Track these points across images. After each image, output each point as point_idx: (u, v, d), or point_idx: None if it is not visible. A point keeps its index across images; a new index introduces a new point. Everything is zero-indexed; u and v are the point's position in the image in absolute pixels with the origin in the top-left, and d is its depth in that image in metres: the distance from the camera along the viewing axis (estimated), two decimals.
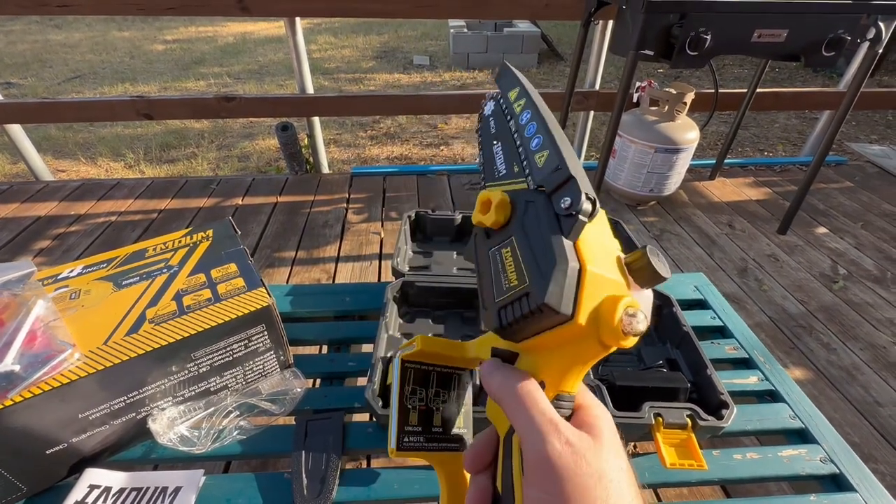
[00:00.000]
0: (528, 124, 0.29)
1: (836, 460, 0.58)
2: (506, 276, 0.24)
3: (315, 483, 0.53)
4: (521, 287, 0.23)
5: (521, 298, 0.23)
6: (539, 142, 0.27)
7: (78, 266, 0.64)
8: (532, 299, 0.22)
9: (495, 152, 0.31)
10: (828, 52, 1.41)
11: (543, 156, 0.26)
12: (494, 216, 0.26)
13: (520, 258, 0.24)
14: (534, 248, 0.24)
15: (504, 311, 0.24)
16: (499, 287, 0.25)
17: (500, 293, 0.24)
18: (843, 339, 1.43)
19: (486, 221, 0.26)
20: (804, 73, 4.66)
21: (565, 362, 0.25)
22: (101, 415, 0.52)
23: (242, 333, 0.58)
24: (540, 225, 0.24)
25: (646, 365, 0.67)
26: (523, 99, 0.31)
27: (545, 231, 0.23)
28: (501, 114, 0.33)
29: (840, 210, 2.09)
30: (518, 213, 0.26)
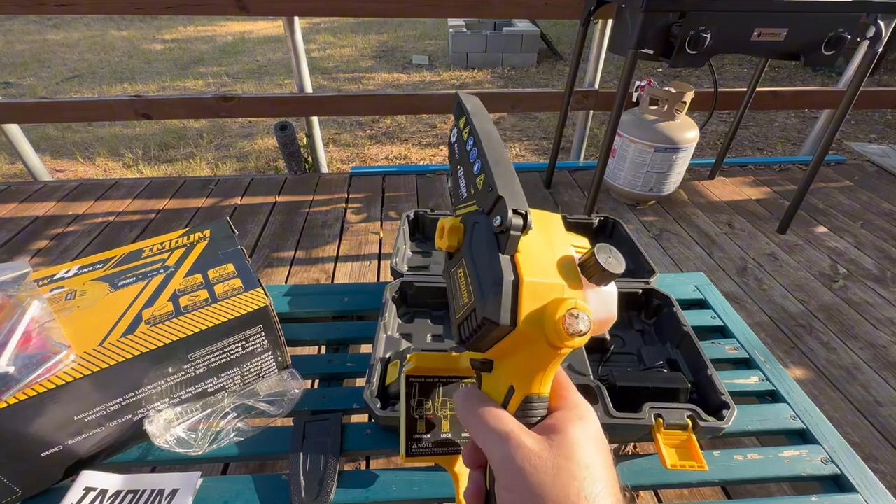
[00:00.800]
0: (472, 150, 0.31)
1: (838, 461, 0.57)
2: (459, 294, 0.27)
3: (313, 485, 0.52)
4: (469, 304, 0.25)
5: (469, 315, 0.25)
6: (479, 165, 0.29)
7: (74, 266, 0.63)
8: (477, 314, 0.24)
9: (459, 176, 0.33)
10: (827, 51, 1.41)
11: (481, 178, 0.28)
12: (447, 240, 0.28)
13: (468, 277, 0.26)
14: (478, 267, 0.26)
15: (462, 327, 0.26)
16: (456, 305, 0.27)
17: (458, 310, 0.27)
18: (843, 338, 1.43)
19: (442, 246, 0.29)
20: (803, 71, 4.66)
21: (527, 366, 0.26)
22: (97, 417, 0.51)
23: (240, 334, 0.57)
24: (483, 244, 0.26)
25: (646, 365, 0.67)
26: (468, 127, 0.32)
27: (486, 249, 0.25)
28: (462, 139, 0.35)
29: (840, 209, 2.08)
30: (468, 237, 0.28)
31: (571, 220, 0.91)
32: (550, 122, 3.64)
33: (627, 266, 0.82)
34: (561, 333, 0.23)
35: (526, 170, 2.39)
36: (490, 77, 4.84)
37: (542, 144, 3.33)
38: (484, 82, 4.70)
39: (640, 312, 0.76)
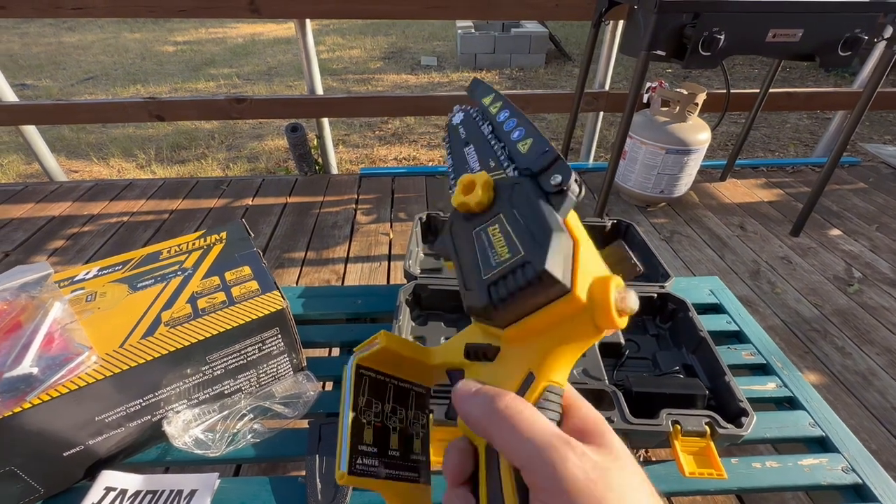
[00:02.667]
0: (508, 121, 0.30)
1: (859, 470, 0.56)
2: (494, 251, 0.23)
3: (329, 488, 0.53)
4: (516, 258, 0.22)
5: (515, 270, 0.21)
6: (521, 132, 0.28)
7: (93, 268, 0.64)
8: (530, 267, 0.21)
9: (467, 154, 0.32)
10: (844, 52, 1.39)
11: (527, 143, 0.27)
12: (480, 195, 0.25)
13: (510, 232, 0.23)
14: (526, 222, 0.23)
15: (495, 286, 0.22)
16: (486, 264, 0.23)
17: (489, 269, 0.23)
18: (858, 343, 1.40)
19: (470, 201, 0.25)
20: (816, 72, 4.60)
21: (555, 347, 0.23)
22: (117, 417, 0.52)
23: (256, 336, 0.58)
24: (529, 202, 0.23)
25: (661, 371, 0.66)
26: (499, 102, 0.32)
27: (535, 206, 0.23)
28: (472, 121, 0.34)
29: (854, 212, 2.05)
30: (504, 194, 0.25)
31: (584, 223, 0.91)
32: (559, 124, 3.63)
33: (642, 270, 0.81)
34: (611, 310, 0.20)
35: None
36: (498, 78, 4.84)
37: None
38: (492, 83, 4.69)
39: (655, 317, 0.75)
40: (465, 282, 0.24)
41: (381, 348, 0.27)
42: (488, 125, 0.32)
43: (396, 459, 0.28)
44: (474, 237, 0.25)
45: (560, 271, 0.21)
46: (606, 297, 0.20)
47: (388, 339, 0.28)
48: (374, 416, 0.27)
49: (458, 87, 4.55)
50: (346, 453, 0.25)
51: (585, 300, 0.21)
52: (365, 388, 0.27)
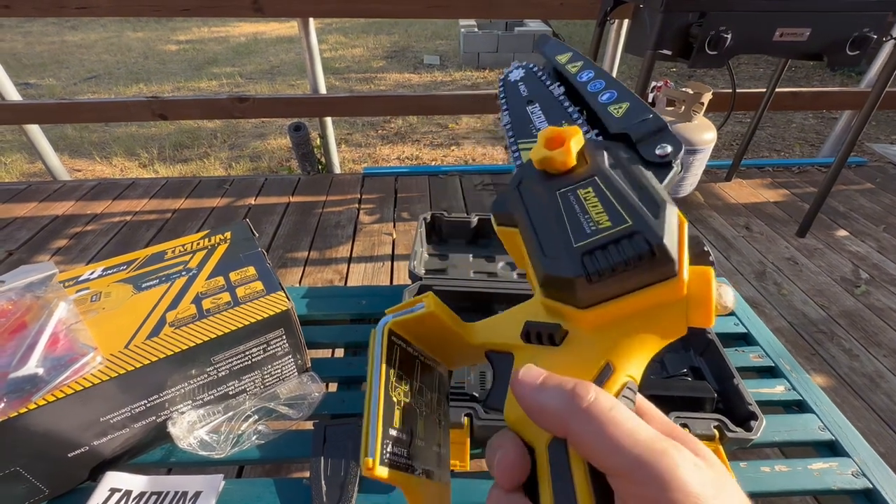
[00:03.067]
0: (593, 81, 0.27)
1: (870, 474, 0.56)
2: (589, 217, 0.20)
3: (334, 489, 0.52)
4: (621, 227, 0.19)
5: (621, 240, 0.19)
6: (613, 95, 0.26)
7: (98, 268, 0.64)
8: (641, 238, 0.18)
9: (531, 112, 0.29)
10: (852, 51, 1.37)
11: (622, 107, 0.24)
12: (571, 153, 0.22)
13: (611, 198, 0.20)
14: (632, 189, 0.20)
15: (591, 256, 0.19)
16: (578, 230, 0.20)
17: (584, 236, 0.20)
18: (865, 345, 1.39)
19: (557, 157, 0.22)
20: (822, 71, 4.57)
21: (636, 338, 0.19)
22: (122, 418, 0.52)
23: (261, 337, 0.57)
24: (632, 168, 0.21)
25: (669, 373, 0.66)
26: (580, 61, 0.29)
27: (641, 174, 0.21)
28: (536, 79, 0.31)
29: (861, 212, 2.04)
30: (596, 156, 0.22)
31: None
32: None
33: None
34: (711, 304, 0.18)
35: None
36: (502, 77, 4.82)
37: None
38: (496, 82, 4.68)
39: None
40: (544, 247, 0.21)
41: (426, 313, 0.23)
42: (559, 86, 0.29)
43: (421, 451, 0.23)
44: (559, 198, 0.21)
45: (675, 249, 0.18)
46: (708, 290, 0.18)
47: (435, 303, 0.24)
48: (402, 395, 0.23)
49: (461, 87, 4.54)
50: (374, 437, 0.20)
51: (686, 289, 0.19)
52: (396, 359, 0.23)
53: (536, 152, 0.23)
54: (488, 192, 2.17)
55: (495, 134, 3.53)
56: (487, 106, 2.37)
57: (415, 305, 0.24)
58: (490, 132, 3.56)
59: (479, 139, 3.44)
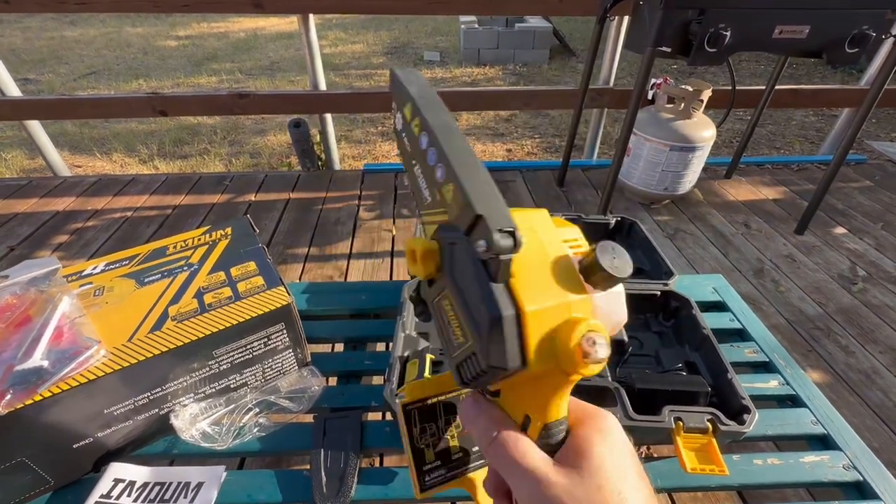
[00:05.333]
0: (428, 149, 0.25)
1: (860, 467, 0.57)
2: (452, 330, 0.23)
3: (334, 481, 0.53)
4: (467, 345, 0.22)
5: (469, 358, 0.22)
6: (442, 172, 0.24)
7: (101, 263, 0.65)
8: (479, 360, 0.21)
9: (417, 174, 0.27)
10: (851, 49, 1.38)
11: (449, 189, 0.23)
12: (423, 268, 0.24)
13: (460, 312, 0.22)
14: (468, 300, 0.22)
15: (461, 368, 0.23)
16: (449, 342, 0.24)
17: (453, 349, 0.24)
18: (861, 342, 1.40)
19: (418, 274, 0.25)
20: (822, 68, 4.57)
21: (542, 396, 0.24)
22: (126, 410, 0.53)
23: (262, 332, 0.58)
24: (467, 270, 0.21)
25: (664, 368, 0.67)
26: (417, 118, 0.26)
27: (472, 277, 0.21)
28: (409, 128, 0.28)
29: (859, 210, 2.04)
30: (446, 259, 0.24)
31: (587, 221, 0.91)
32: (563, 120, 3.62)
33: (645, 268, 0.82)
34: (578, 363, 0.20)
35: (539, 168, 2.38)
36: (502, 74, 4.82)
37: (553, 142, 3.31)
38: (496, 79, 4.68)
39: (658, 314, 0.76)
40: (445, 350, 0.25)
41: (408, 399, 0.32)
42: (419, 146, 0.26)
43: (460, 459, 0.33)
44: (435, 309, 0.25)
45: (507, 359, 0.20)
46: (571, 353, 0.20)
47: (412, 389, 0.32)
48: (430, 438, 0.32)
49: (461, 83, 4.54)
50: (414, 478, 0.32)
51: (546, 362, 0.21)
52: (416, 419, 0.32)
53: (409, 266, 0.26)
54: None
55: (495, 131, 3.53)
56: (487, 103, 2.37)
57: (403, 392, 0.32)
58: (490, 129, 3.56)
59: (478, 136, 3.44)
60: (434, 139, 0.24)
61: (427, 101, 0.26)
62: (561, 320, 0.21)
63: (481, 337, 0.21)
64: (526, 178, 2.28)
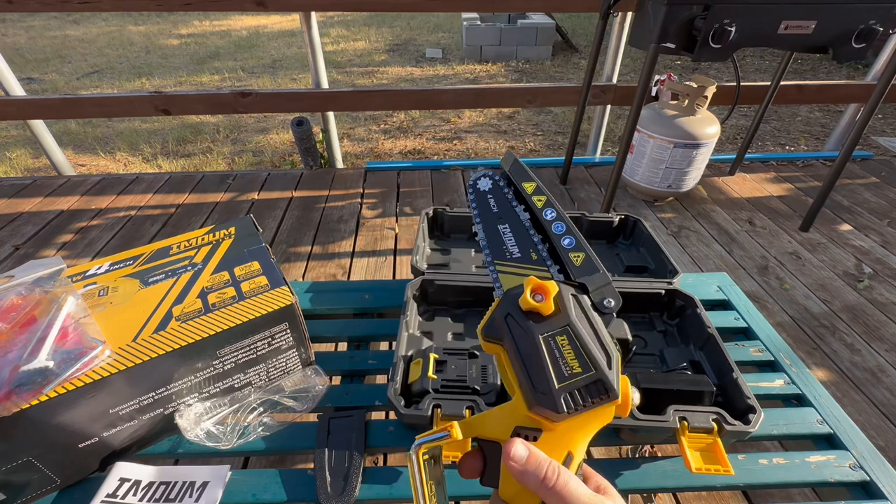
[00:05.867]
0: (556, 222, 0.35)
1: (867, 467, 0.56)
2: (565, 362, 0.29)
3: (338, 480, 0.53)
4: (588, 374, 0.28)
5: (589, 385, 0.28)
6: (571, 242, 0.33)
7: (105, 263, 0.65)
8: (601, 385, 0.28)
9: (502, 232, 0.36)
10: (858, 44, 1.36)
11: (580, 256, 0.33)
12: (552, 306, 0.30)
13: (579, 347, 0.29)
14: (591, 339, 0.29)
15: (570, 395, 0.28)
16: (559, 373, 0.28)
17: (562, 379, 0.28)
18: (867, 339, 1.39)
19: (542, 310, 0.30)
20: (827, 64, 4.53)
21: (586, 432, 0.29)
22: (131, 410, 0.53)
23: (266, 331, 0.58)
24: (589, 319, 0.30)
25: (669, 367, 0.66)
26: (544, 196, 0.36)
27: (594, 324, 0.30)
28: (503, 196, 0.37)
29: (865, 206, 2.03)
30: (567, 305, 0.30)
31: (591, 219, 0.90)
32: (566, 117, 3.60)
33: (650, 266, 0.81)
34: (630, 406, 0.28)
35: (541, 165, 2.37)
36: (504, 70, 4.80)
37: (556, 139, 3.30)
38: (498, 76, 4.67)
39: (663, 313, 0.75)
40: (534, 383, 0.29)
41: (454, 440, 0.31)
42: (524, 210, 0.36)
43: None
44: (542, 342, 0.29)
45: (619, 387, 0.28)
46: (628, 396, 0.28)
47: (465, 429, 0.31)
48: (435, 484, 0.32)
49: (464, 80, 4.52)
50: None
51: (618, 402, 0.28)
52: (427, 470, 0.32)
53: (525, 302, 0.30)
54: None
55: (498, 128, 3.52)
56: (490, 100, 2.36)
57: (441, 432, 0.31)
58: (493, 126, 3.55)
59: (481, 133, 3.43)
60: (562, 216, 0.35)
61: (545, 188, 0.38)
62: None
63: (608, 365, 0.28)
64: None
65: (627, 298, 0.74)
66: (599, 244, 0.93)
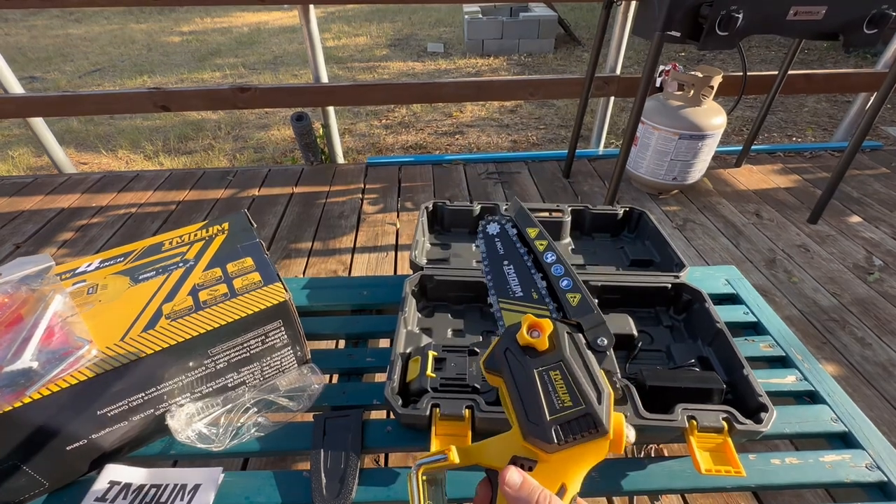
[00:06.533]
0: (555, 265, 0.38)
1: (884, 467, 0.54)
2: (557, 396, 0.30)
3: (334, 482, 0.52)
4: (578, 409, 0.30)
5: (578, 419, 0.29)
6: (569, 284, 0.37)
7: (96, 260, 0.64)
8: (590, 419, 0.29)
9: (507, 273, 0.39)
10: (869, 30, 1.32)
11: (576, 297, 0.36)
12: (547, 343, 0.32)
13: (570, 382, 0.30)
14: (582, 375, 0.31)
15: (560, 427, 0.29)
16: (550, 405, 0.30)
17: (554, 411, 0.30)
18: (878, 333, 1.36)
19: (537, 346, 0.32)
20: (835, 53, 4.45)
21: (580, 466, 0.30)
22: (120, 411, 0.51)
23: (259, 329, 0.57)
24: (583, 356, 0.32)
25: (676, 363, 0.64)
26: (545, 241, 0.40)
27: (587, 362, 0.32)
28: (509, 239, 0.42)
29: (875, 198, 1.99)
30: (560, 342, 0.32)
31: (594, 211, 0.88)
32: (569, 110, 3.56)
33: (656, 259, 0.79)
34: (623, 442, 0.29)
35: (544, 159, 2.34)
36: (506, 64, 4.75)
37: (559, 133, 3.26)
38: (500, 69, 4.62)
39: (669, 308, 0.73)
40: (528, 414, 0.30)
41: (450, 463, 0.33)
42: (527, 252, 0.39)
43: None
44: (536, 376, 0.31)
45: (608, 423, 0.29)
46: (622, 433, 0.30)
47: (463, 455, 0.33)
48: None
49: (465, 74, 4.48)
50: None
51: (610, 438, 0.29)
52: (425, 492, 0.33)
53: (521, 337, 0.33)
54: (493, 180, 2.14)
55: (500, 122, 3.48)
56: (491, 93, 2.33)
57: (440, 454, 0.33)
58: (495, 120, 3.51)
59: (483, 127, 3.40)
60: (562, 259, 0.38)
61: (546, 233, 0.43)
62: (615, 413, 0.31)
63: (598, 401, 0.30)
64: (532, 169, 2.25)
65: (632, 293, 0.72)
66: (603, 237, 0.90)
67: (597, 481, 0.54)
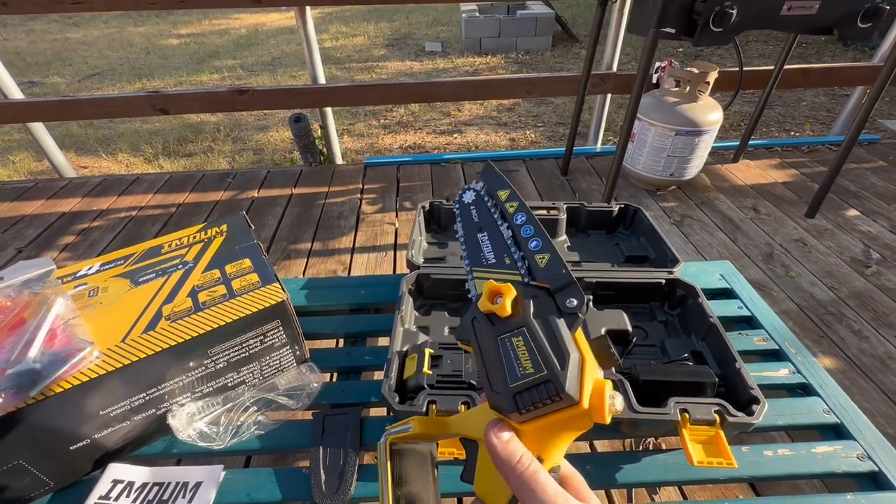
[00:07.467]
0: (524, 226, 0.34)
1: (875, 457, 0.55)
2: (519, 363, 0.28)
3: (333, 479, 0.53)
4: (539, 375, 0.27)
5: (539, 385, 0.27)
6: (538, 244, 0.33)
7: (96, 263, 0.64)
8: (552, 386, 0.26)
9: (481, 240, 0.36)
10: (864, 24, 1.32)
11: (545, 258, 0.32)
12: (506, 309, 0.29)
13: (533, 348, 0.28)
14: (546, 340, 0.28)
15: (520, 395, 0.27)
16: (512, 373, 0.28)
17: (515, 379, 0.28)
18: (875, 326, 1.37)
19: (498, 312, 0.30)
20: (833, 47, 4.44)
21: (558, 439, 0.28)
22: (122, 411, 0.52)
23: (258, 329, 0.57)
24: (548, 321, 0.29)
25: (669, 357, 0.65)
26: (515, 202, 0.36)
27: (553, 325, 0.28)
28: (484, 206, 0.38)
29: (873, 191, 1.99)
30: (525, 306, 0.30)
31: (590, 208, 0.89)
32: (566, 107, 3.56)
33: (650, 256, 0.80)
34: (605, 412, 0.26)
35: (542, 157, 2.34)
36: (504, 62, 4.75)
37: (557, 130, 3.26)
38: (498, 68, 4.62)
39: (664, 303, 0.74)
40: (492, 383, 0.29)
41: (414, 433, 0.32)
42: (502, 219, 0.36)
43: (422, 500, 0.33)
44: (499, 344, 0.29)
45: (574, 389, 0.26)
46: (602, 402, 0.26)
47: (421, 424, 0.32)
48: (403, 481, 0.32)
49: (463, 73, 4.48)
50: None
51: (587, 406, 0.26)
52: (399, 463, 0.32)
53: (482, 304, 0.30)
54: None
55: (498, 120, 3.49)
56: (488, 91, 2.33)
57: (405, 425, 0.32)
58: (493, 119, 3.52)
59: (481, 126, 3.41)
60: (532, 219, 0.34)
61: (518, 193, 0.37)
62: (595, 376, 0.27)
63: (562, 368, 0.27)
64: (529, 167, 2.25)
65: (627, 289, 0.73)
66: (599, 234, 0.91)
67: (593, 474, 0.55)
